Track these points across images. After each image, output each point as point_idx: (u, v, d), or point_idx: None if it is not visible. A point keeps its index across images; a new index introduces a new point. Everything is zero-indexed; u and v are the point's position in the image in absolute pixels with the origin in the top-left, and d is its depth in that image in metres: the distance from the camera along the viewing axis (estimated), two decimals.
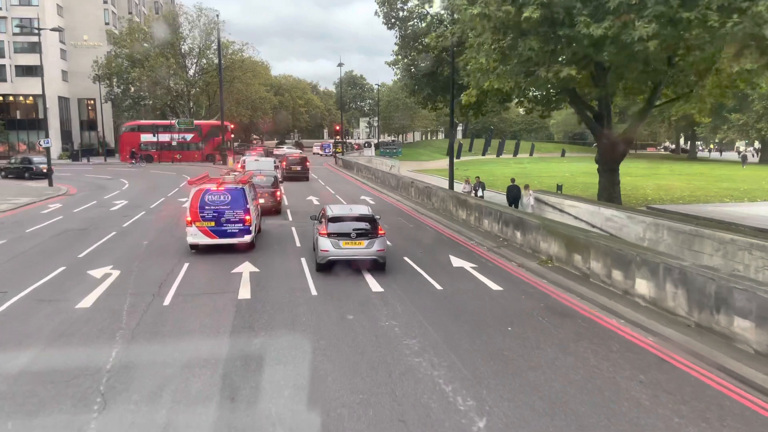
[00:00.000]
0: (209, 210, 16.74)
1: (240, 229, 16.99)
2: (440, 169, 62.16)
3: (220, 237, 16.90)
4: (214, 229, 16.87)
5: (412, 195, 30.73)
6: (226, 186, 16.96)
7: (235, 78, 74.24)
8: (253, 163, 34.45)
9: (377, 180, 40.83)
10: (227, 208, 16.79)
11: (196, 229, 16.86)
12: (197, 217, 16.76)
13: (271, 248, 18.36)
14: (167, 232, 20.92)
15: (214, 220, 16.81)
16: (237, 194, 16.89)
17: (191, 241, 17.00)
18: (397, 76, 31.98)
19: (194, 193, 16.81)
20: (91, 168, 55.03)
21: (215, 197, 16.79)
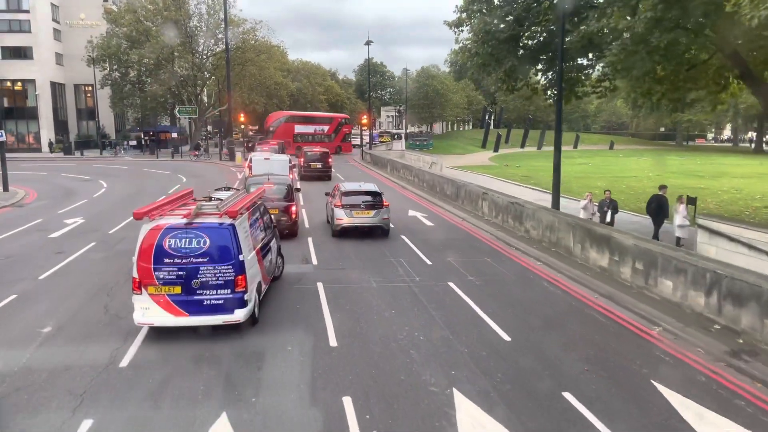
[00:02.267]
0: (172, 265, 9.35)
1: (226, 298, 9.47)
2: (485, 166, 53.04)
3: (193, 313, 9.44)
4: (181, 299, 9.39)
5: (484, 212, 21.76)
6: (201, 221, 9.62)
7: (248, 61, 65.45)
8: (262, 163, 25.57)
9: (422, 184, 31.83)
10: (203, 262, 9.37)
11: (150, 298, 9.41)
12: (151, 278, 9.37)
13: (280, 337, 9.65)
14: (106, 296, 12.27)
15: (180, 284, 9.35)
16: (221, 236, 9.50)
17: (141, 320, 9.53)
18: (458, 44, 22.68)
19: (146, 234, 9.50)
20: (75, 165, 46.81)
21: (182, 241, 9.37)
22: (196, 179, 35.61)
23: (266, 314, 10.89)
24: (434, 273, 14.01)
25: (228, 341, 9.52)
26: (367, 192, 18.24)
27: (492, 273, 14.18)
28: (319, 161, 36.95)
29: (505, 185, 34.66)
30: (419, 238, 18.17)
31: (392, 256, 15.64)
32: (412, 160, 47.74)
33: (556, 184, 18.15)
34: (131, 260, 9.71)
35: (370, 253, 15.99)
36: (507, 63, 20.23)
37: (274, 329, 10.19)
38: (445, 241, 17.75)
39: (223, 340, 9.56)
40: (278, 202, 17.64)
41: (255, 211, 11.58)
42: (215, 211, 9.75)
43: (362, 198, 17.87)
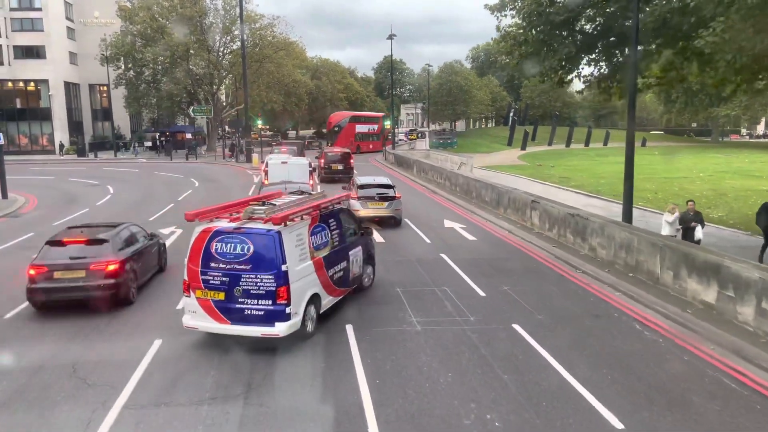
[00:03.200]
0: (217, 270, 9.03)
1: (266, 309, 8.92)
2: (516, 166, 49.95)
3: (234, 321, 9.05)
4: (224, 305, 9.04)
5: (534, 223, 18.84)
6: (249, 226, 9.21)
7: (265, 58, 63.06)
8: (279, 167, 22.88)
9: (454, 188, 28.96)
10: (246, 269, 8.96)
11: (197, 302, 9.18)
12: (198, 281, 9.13)
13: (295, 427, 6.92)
14: (79, 345, 9.68)
15: (224, 290, 9.02)
16: (264, 243, 9.02)
17: (188, 323, 9.38)
18: (499, 32, 19.70)
19: (196, 237, 9.29)
20: (86, 168, 44.77)
21: (228, 246, 9.05)
22: (210, 184, 33.21)
23: (280, 379, 8.18)
24: (491, 309, 11.18)
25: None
26: (381, 185, 19.80)
27: (564, 309, 11.30)
28: (340, 162, 34.41)
29: (545, 188, 31.64)
30: (462, 257, 15.34)
31: (434, 283, 12.86)
32: (439, 160, 44.82)
33: (628, 194, 15.15)
34: None
35: (407, 279, 13.21)
36: (563, 50, 17.24)
37: (291, 412, 7.45)
38: (493, 262, 14.89)
39: None
40: None
41: (328, 217, 10.74)
42: (264, 217, 9.20)
43: (376, 191, 19.14)
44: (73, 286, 10.78)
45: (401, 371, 8.43)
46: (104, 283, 10.85)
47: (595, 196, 28.85)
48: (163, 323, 10.37)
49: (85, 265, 10.98)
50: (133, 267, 11.73)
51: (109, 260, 11.04)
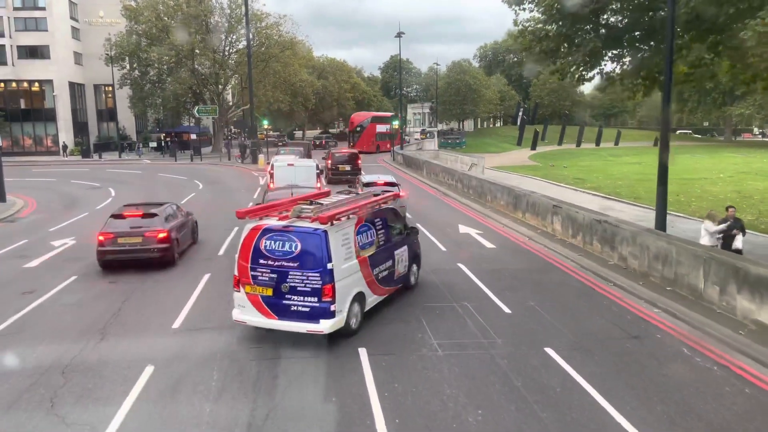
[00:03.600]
0: (266, 267, 9.23)
1: (312, 306, 9.05)
2: (528, 167, 48.64)
3: (281, 317, 9.22)
4: (271, 301, 9.22)
5: (556, 229, 17.73)
6: (297, 224, 9.41)
7: (271, 57, 62.09)
8: (285, 170, 21.85)
9: (467, 190, 27.87)
10: (293, 267, 9.15)
11: (246, 297, 9.38)
12: (248, 277, 9.35)
13: None
14: (61, 375, 8.68)
15: (272, 286, 9.20)
16: (311, 242, 9.18)
17: (237, 317, 9.57)
18: (517, 26, 18.58)
19: (246, 234, 9.53)
20: (89, 170, 43.95)
21: (276, 243, 9.27)
22: (214, 186, 32.26)
23: (284, 417, 7.14)
24: (519, 329, 10.10)
25: None
26: (385, 183, 20.83)
27: (599, 329, 10.20)
28: (347, 163, 33.51)
29: (560, 190, 30.43)
30: (482, 267, 14.27)
31: (454, 298, 11.78)
32: (449, 161, 43.73)
33: (662, 199, 13.98)
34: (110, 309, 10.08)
35: (424, 293, 12.15)
36: (589, 45, 16.10)
37: None
38: (516, 273, 13.79)
39: None
40: None
41: (375, 216, 10.91)
42: (311, 214, 9.41)
43: (380, 188, 19.04)
44: (132, 249, 13.84)
45: (424, 407, 7.37)
46: (155, 247, 13.85)
47: (614, 199, 27.64)
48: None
49: (141, 233, 13.94)
50: (176, 236, 14.70)
51: (159, 229, 14.02)
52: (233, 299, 9.56)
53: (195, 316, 10.79)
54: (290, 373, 8.32)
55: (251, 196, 27.35)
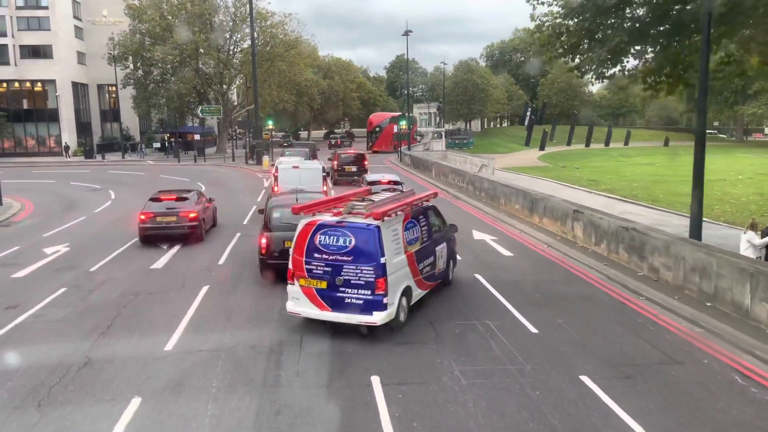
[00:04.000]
0: (320, 261, 9.57)
1: (365, 299, 9.30)
2: (538, 168, 47.58)
3: (335, 309, 9.49)
4: (326, 293, 9.53)
5: (577, 236, 16.70)
6: (350, 220, 9.66)
7: (276, 56, 61.22)
8: (290, 173, 20.86)
9: (478, 193, 26.86)
10: (347, 261, 9.44)
11: (300, 290, 9.70)
12: (302, 270, 9.68)
13: None
14: (36, 408, 7.72)
15: (326, 279, 9.52)
16: (365, 237, 9.45)
17: (291, 309, 9.88)
18: (534, 21, 17.62)
19: (301, 229, 9.86)
20: (90, 171, 43.16)
21: (331, 238, 9.58)
22: (216, 188, 31.31)
23: None
24: (549, 352, 9.08)
25: None
26: (390, 181, 21.21)
27: (638, 352, 9.16)
28: (353, 164, 32.77)
29: (574, 192, 29.40)
30: (501, 278, 13.27)
31: (474, 315, 10.79)
32: (457, 161, 42.71)
33: (698, 206, 12.93)
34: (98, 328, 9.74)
35: (440, 308, 11.15)
36: (614, 40, 15.07)
37: None
38: (538, 285, 12.78)
39: None
40: None
41: (418, 213, 11.20)
42: (364, 212, 9.70)
43: (384, 187, 18.98)
44: (168, 226, 16.56)
45: None
46: (187, 225, 16.55)
47: (630, 201, 26.56)
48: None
49: (176, 213, 16.66)
50: (203, 217, 17.48)
51: (190, 210, 16.83)
52: (286, 292, 9.89)
53: (190, 336, 9.83)
54: (295, 408, 7.34)
55: (255, 199, 26.41)
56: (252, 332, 9.98)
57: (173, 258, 15.35)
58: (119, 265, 14.75)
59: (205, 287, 12.55)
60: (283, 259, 12.66)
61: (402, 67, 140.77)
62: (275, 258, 12.70)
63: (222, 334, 9.91)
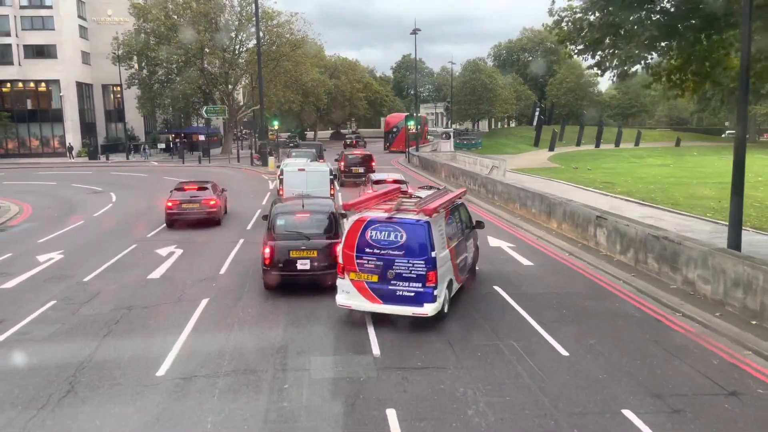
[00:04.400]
0: (372, 255, 9.92)
1: (417, 291, 9.72)
2: (549, 169, 46.52)
3: (386, 302, 9.88)
4: (377, 287, 9.90)
5: (600, 243, 15.72)
6: (400, 216, 10.05)
7: (282, 56, 60.38)
8: (296, 175, 19.93)
9: (491, 196, 25.93)
10: (399, 255, 9.83)
11: (351, 283, 10.06)
12: (353, 265, 10.01)
13: None
14: None
15: (377, 273, 9.90)
16: (416, 232, 9.85)
17: (342, 303, 10.20)
18: (553, 16, 16.67)
19: (352, 225, 10.13)
20: (92, 173, 42.46)
21: (382, 234, 9.96)
22: None
23: None
24: (584, 381, 8.12)
25: None
26: (394, 180, 21.35)
27: (684, 380, 8.18)
28: (361, 165, 31.93)
29: (589, 195, 28.37)
30: (522, 291, 12.32)
31: (496, 334, 9.85)
32: (467, 163, 41.74)
33: (737, 212, 11.93)
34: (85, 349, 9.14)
35: (458, 326, 10.22)
36: (644, 34, 14.06)
37: None
38: (563, 299, 11.81)
39: None
40: (316, 240, 12.11)
41: (453, 210, 11.70)
42: (413, 208, 10.15)
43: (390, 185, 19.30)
44: (192, 212, 19.24)
45: None
46: (209, 210, 19.28)
47: (649, 205, 25.51)
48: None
49: (199, 200, 19.36)
50: (220, 204, 20.15)
51: (211, 198, 19.58)
52: (336, 286, 10.18)
53: (186, 359, 8.94)
54: None
55: (260, 202, 25.56)
56: (254, 356, 9.08)
57: (172, 267, 14.48)
58: (115, 274, 13.89)
59: (204, 300, 11.67)
60: (288, 270, 11.84)
61: (408, 67, 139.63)
62: (280, 269, 11.84)
63: (221, 356, 9.02)
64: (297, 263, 11.83)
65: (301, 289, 12.01)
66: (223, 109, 55.28)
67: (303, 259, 11.85)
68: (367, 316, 10.57)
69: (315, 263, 11.83)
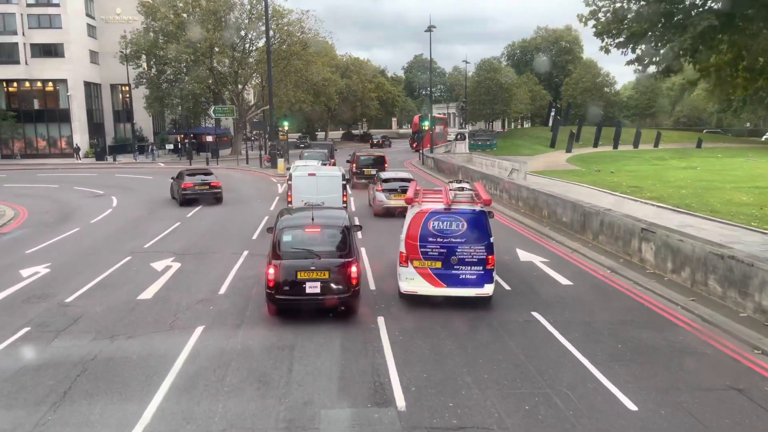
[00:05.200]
0: (435, 243, 10.84)
1: (478, 274, 10.77)
2: (570, 172, 44.64)
3: (450, 285, 10.84)
4: (440, 272, 10.84)
5: (646, 259, 13.98)
6: (458, 207, 11.04)
7: (293, 55, 58.95)
8: (306, 180, 18.32)
9: (515, 202, 24.25)
10: (461, 242, 10.81)
11: (414, 270, 10.92)
12: (416, 253, 10.88)
13: None
14: None
15: (441, 260, 10.81)
16: (476, 220, 10.89)
17: (406, 289, 11.04)
18: (589, 7, 14.99)
19: (414, 216, 11.00)
20: (96, 175, 41.20)
21: (445, 224, 10.89)
22: (227, 194, 28.99)
23: None
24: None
25: None
26: (402, 179, 21.58)
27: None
28: (373, 166, 30.76)
29: (618, 200, 26.50)
30: (566, 318, 10.63)
31: (543, 378, 8.18)
32: (484, 165, 40.03)
33: None
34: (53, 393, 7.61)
35: (499, 366, 8.56)
36: (701, 24, 12.31)
37: None
38: (616, 330, 10.11)
39: None
40: (328, 259, 10.50)
41: None
42: (469, 200, 11.26)
43: (399, 184, 20.62)
44: (203, 192, 24.97)
45: None
46: (215, 191, 25.25)
47: (685, 212, 23.65)
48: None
49: (208, 183, 25.24)
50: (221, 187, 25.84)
51: (217, 182, 25.64)
52: (398, 274, 11.06)
53: (171, 409, 7.37)
54: None
55: (267, 208, 24.04)
56: (254, 404, 7.50)
57: (167, 284, 12.94)
58: (101, 293, 12.39)
59: (199, 329, 10.10)
60: (295, 294, 10.26)
61: (420, 67, 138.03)
62: (285, 293, 10.27)
63: (214, 404, 7.45)
64: (305, 286, 10.22)
65: (311, 315, 10.44)
66: (231, 109, 53.94)
67: (312, 282, 10.23)
68: (386, 349, 9.00)
69: (326, 286, 10.24)
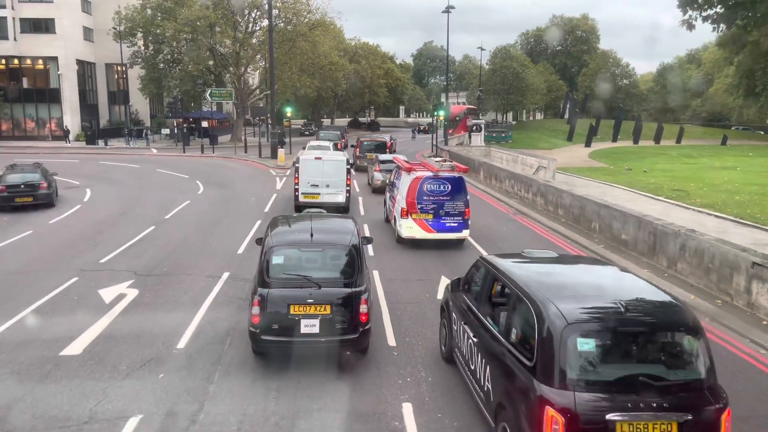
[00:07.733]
0: (428, 201, 14.90)
1: (459, 222, 15.06)
2: (595, 169, 40.98)
3: (439, 231, 15.00)
4: (432, 222, 14.98)
5: (763, 305, 10.40)
6: (445, 174, 15.26)
7: (299, 36, 55.11)
8: (312, 164, 18.45)
9: (552, 208, 20.68)
10: (447, 200, 14.96)
11: (412, 221, 14.92)
12: (414, 208, 14.91)
13: None
14: None
15: (432, 212, 14.93)
16: (457, 183, 15.08)
17: (406, 234, 14.96)
18: None
19: (411, 181, 14.93)
20: (79, 162, 37.72)
21: (434, 186, 14.94)
22: (217, 190, 25.50)
23: None
24: None
25: None
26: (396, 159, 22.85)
27: None
28: (375, 151, 30.64)
29: (665, 208, 22.86)
30: None
31: None
32: (504, 160, 36.37)
33: None
34: None
35: None
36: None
37: None
38: (734, 404, 6.67)
39: None
40: (330, 289, 7.28)
41: None
42: (451, 169, 15.92)
43: (394, 165, 20.00)
44: None
45: None
46: None
47: (753, 225, 20.00)
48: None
49: None
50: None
51: None
52: (399, 225, 15.14)
53: None
54: None
55: (262, 209, 20.58)
56: None
57: (110, 328, 9.44)
58: (15, 341, 8.94)
59: (131, 421, 6.65)
60: (286, 334, 6.96)
61: (430, 54, 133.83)
62: (274, 332, 7.11)
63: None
64: (300, 324, 7.15)
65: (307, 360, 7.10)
66: (229, 92, 50.39)
67: (309, 319, 7.18)
68: (404, 412, 5.57)
69: (327, 325, 7.07)
